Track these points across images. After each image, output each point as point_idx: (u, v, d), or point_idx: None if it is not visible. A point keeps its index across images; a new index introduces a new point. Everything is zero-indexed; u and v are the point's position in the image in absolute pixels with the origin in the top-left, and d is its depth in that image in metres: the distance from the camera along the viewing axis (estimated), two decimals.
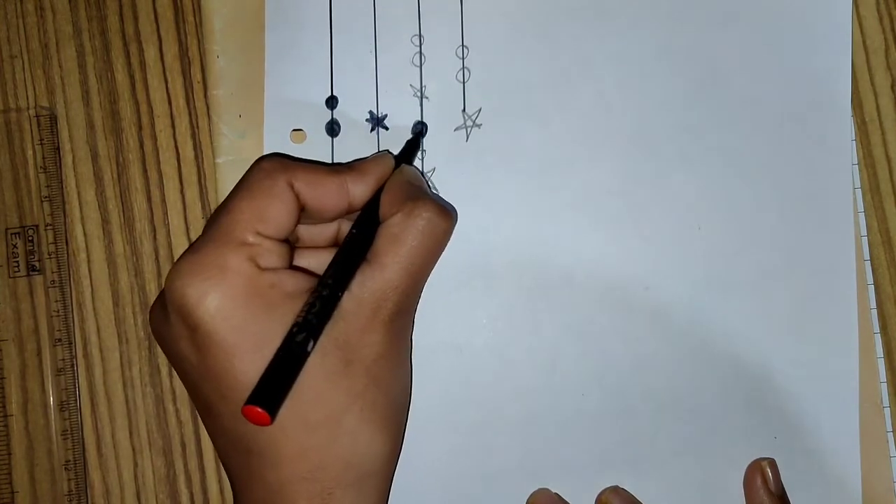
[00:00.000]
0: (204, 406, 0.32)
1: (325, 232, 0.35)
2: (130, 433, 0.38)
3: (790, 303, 0.38)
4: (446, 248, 0.37)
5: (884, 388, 0.38)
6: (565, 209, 0.38)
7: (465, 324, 0.37)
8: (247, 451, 0.31)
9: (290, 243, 0.33)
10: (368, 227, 0.32)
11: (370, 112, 0.38)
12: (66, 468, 0.37)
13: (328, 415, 0.30)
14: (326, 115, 0.38)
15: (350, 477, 0.31)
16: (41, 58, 0.39)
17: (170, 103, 0.39)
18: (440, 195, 0.38)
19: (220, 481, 0.38)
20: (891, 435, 0.38)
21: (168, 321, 0.30)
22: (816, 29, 0.38)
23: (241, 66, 0.38)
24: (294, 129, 0.38)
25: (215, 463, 0.38)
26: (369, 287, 0.31)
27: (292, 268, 0.32)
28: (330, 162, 0.38)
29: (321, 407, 0.30)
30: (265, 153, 0.37)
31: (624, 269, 0.38)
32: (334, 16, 0.38)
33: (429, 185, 0.37)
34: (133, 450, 0.38)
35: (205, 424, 0.33)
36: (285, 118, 0.38)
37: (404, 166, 0.35)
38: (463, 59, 0.38)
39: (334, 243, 0.35)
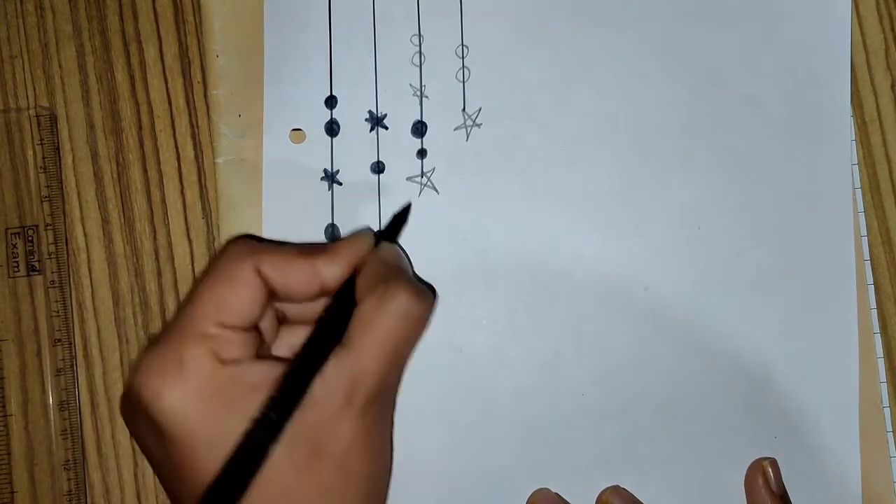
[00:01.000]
0: (171, 495, 0.31)
1: (314, 309, 0.33)
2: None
3: (790, 303, 0.38)
4: (445, 249, 0.37)
5: (884, 388, 0.38)
6: (565, 209, 0.38)
7: (465, 324, 0.37)
8: None
9: (258, 329, 0.32)
10: (342, 311, 0.31)
11: (370, 112, 0.38)
12: (65, 468, 0.37)
13: None
14: (326, 114, 0.38)
15: None
16: (41, 58, 0.39)
17: (170, 103, 0.39)
18: (421, 278, 0.37)
19: None
20: (891, 435, 0.38)
21: (134, 414, 0.30)
22: (816, 29, 0.38)
23: (240, 66, 0.38)
24: (293, 129, 0.38)
25: None
26: (342, 374, 0.30)
27: (261, 356, 0.31)
28: (328, 166, 0.38)
29: (286, 501, 0.29)
30: (265, 152, 0.37)
31: (623, 269, 0.38)
32: (333, 15, 0.38)
33: (410, 264, 0.36)
34: (133, 449, 0.38)
35: None
36: (285, 118, 0.38)
37: (382, 245, 0.34)
38: (463, 58, 0.38)
39: None
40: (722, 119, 0.38)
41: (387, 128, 0.38)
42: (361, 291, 0.31)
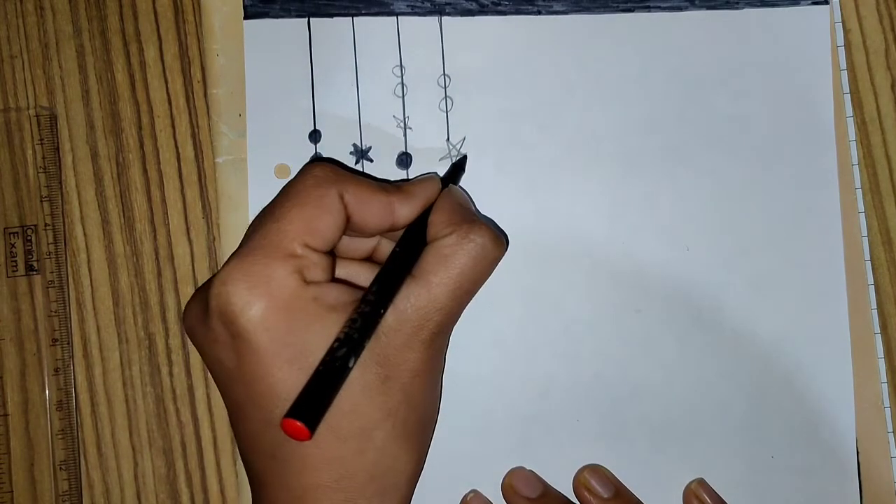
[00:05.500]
0: (234, 407, 0.32)
1: (364, 246, 0.35)
2: (130, 433, 0.38)
3: (781, 319, 0.38)
4: None
5: (884, 388, 0.38)
6: (553, 235, 0.38)
7: (457, 352, 0.37)
8: (272, 456, 0.31)
9: (334, 254, 0.33)
10: (413, 247, 0.32)
11: (354, 145, 0.38)
12: (62, 468, 0.37)
13: (360, 428, 0.30)
14: (310, 149, 0.38)
15: (373, 489, 0.31)
16: (41, 58, 0.39)
17: (170, 103, 0.39)
18: (492, 219, 0.38)
19: (220, 481, 0.38)
20: (891, 435, 0.38)
21: (207, 323, 0.30)
22: (797, 47, 0.39)
23: (241, 65, 0.38)
24: (278, 164, 0.38)
25: (215, 462, 0.38)
26: (414, 304, 0.31)
27: (334, 280, 0.32)
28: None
29: (354, 420, 0.30)
30: (250, 188, 0.37)
31: (614, 293, 0.38)
32: (314, 50, 0.38)
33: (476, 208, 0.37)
34: (133, 449, 0.38)
35: (232, 424, 0.33)
36: (269, 153, 0.37)
37: (453, 187, 0.35)
38: (445, 88, 0.38)
39: (369, 257, 0.35)
40: (706, 139, 0.38)
41: (371, 160, 0.38)
42: (439, 229, 0.32)
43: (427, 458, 0.34)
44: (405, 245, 0.32)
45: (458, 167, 0.37)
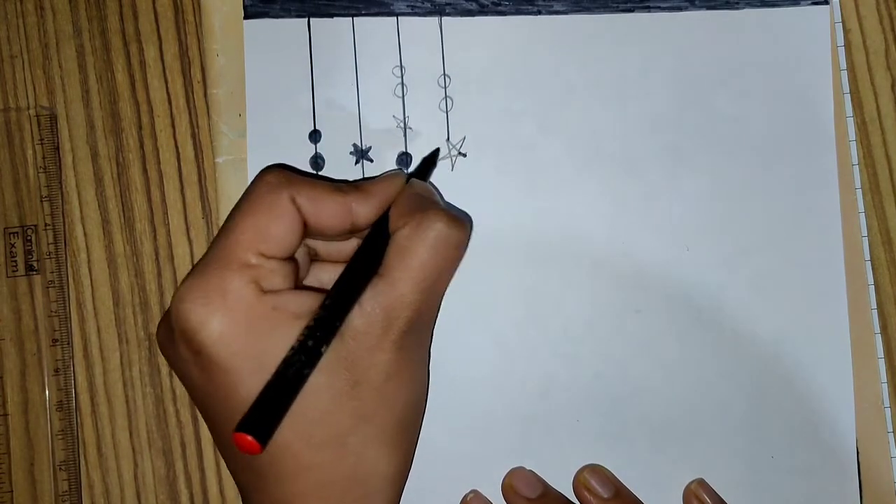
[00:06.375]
0: (209, 422, 0.32)
1: (345, 248, 0.34)
2: (130, 433, 0.38)
3: (781, 320, 0.38)
4: None
5: (884, 388, 0.38)
6: (553, 235, 0.38)
7: (456, 353, 0.37)
8: (249, 468, 0.31)
9: (296, 260, 0.32)
10: (377, 245, 0.32)
11: (354, 145, 0.38)
12: (62, 468, 0.37)
13: (333, 435, 0.30)
14: (310, 149, 0.38)
15: (356, 493, 0.31)
16: (41, 58, 0.39)
17: (170, 103, 0.39)
18: (455, 206, 0.37)
19: (220, 482, 0.38)
20: (891, 435, 0.38)
21: (174, 343, 0.30)
22: (797, 47, 0.38)
23: (241, 65, 0.38)
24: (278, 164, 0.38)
25: (215, 463, 0.38)
26: (379, 303, 0.30)
27: (299, 287, 0.31)
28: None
29: (326, 427, 0.30)
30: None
31: (614, 293, 0.38)
32: (314, 50, 0.38)
33: (442, 198, 0.37)
34: (133, 450, 0.38)
35: (213, 439, 0.33)
36: (269, 153, 0.37)
37: (414, 181, 0.34)
38: (445, 88, 0.38)
39: None
40: (707, 139, 0.38)
41: (372, 160, 0.38)
42: (395, 222, 0.32)
43: (427, 458, 0.34)
44: (368, 244, 0.32)
45: (429, 161, 0.37)
